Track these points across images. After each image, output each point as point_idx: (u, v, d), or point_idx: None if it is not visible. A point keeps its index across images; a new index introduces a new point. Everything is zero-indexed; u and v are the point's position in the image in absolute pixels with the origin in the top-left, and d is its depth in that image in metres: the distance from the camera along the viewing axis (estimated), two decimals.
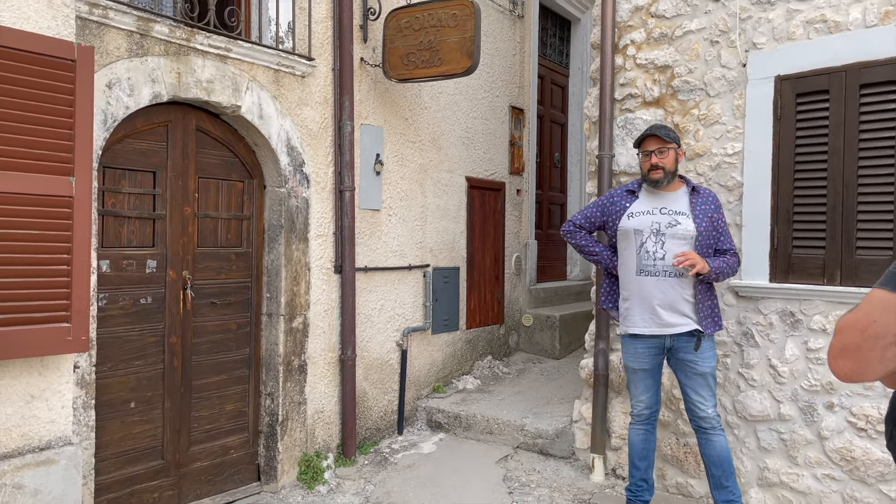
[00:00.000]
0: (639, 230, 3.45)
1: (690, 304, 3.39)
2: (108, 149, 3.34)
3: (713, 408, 3.43)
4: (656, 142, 3.45)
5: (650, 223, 3.43)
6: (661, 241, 3.39)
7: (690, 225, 3.38)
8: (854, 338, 1.10)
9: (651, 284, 3.41)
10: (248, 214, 4.09)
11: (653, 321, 3.42)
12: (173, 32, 3.45)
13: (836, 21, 3.53)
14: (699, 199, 3.47)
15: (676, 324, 3.39)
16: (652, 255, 3.40)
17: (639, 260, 3.45)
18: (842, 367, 1.12)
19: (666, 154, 3.43)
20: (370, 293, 4.80)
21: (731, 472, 3.41)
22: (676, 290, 3.37)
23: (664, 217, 3.42)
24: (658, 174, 3.44)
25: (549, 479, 4.26)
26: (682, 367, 3.45)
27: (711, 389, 3.43)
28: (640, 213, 3.48)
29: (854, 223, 3.47)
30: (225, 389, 3.98)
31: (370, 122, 4.77)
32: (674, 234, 3.39)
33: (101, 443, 3.35)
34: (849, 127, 3.48)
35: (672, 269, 3.36)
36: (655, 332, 3.43)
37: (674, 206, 3.45)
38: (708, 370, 3.41)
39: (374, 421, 4.86)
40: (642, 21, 4.23)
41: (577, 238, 3.74)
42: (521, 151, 6.64)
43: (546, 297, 7.07)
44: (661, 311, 3.39)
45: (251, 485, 4.11)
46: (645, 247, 3.42)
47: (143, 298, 3.56)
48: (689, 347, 3.39)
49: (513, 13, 6.47)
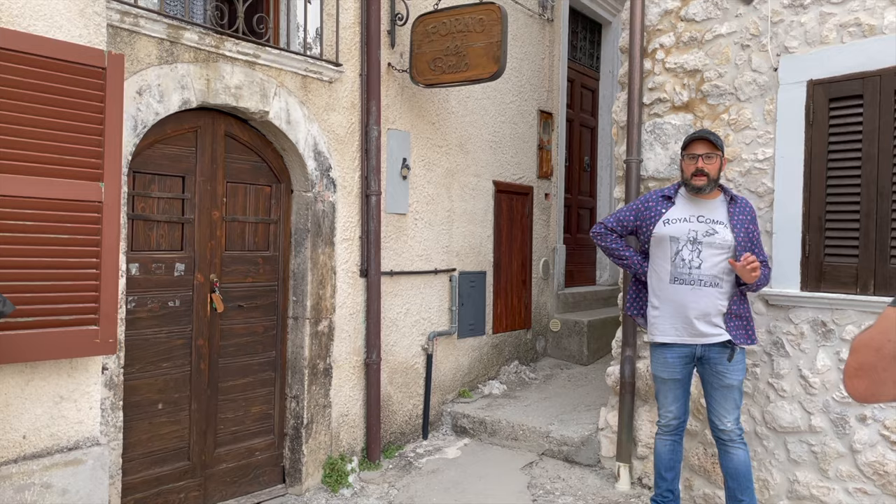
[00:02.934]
0: (675, 237, 3.37)
1: (723, 315, 3.33)
2: (139, 154, 3.39)
3: (735, 421, 3.36)
4: (705, 146, 3.36)
5: (687, 231, 3.35)
6: (698, 250, 3.32)
7: (728, 235, 3.31)
8: (869, 357, 1.07)
9: (686, 293, 3.34)
10: (276, 218, 4.13)
11: (685, 330, 3.36)
12: (202, 40, 3.50)
13: (870, 24, 3.44)
14: (737, 209, 3.39)
15: (710, 333, 3.32)
16: (688, 264, 3.33)
17: (673, 268, 3.37)
18: (857, 387, 1.09)
19: (713, 161, 3.35)
20: (396, 297, 4.81)
21: (748, 487, 3.34)
22: (712, 299, 3.31)
23: (702, 225, 3.35)
24: (702, 181, 3.35)
25: (573, 487, 4.23)
26: (710, 377, 3.39)
27: (736, 403, 3.36)
28: (677, 220, 3.40)
29: (888, 231, 3.38)
30: (251, 392, 4.02)
31: (397, 126, 4.78)
32: (711, 244, 3.31)
33: (129, 443, 3.41)
34: (884, 133, 3.39)
35: (708, 278, 3.30)
36: (687, 341, 3.36)
37: (711, 215, 3.38)
38: (736, 383, 3.34)
39: (398, 425, 4.86)
40: (671, 25, 4.18)
41: (607, 241, 3.67)
42: (549, 155, 6.60)
43: (574, 302, 7.02)
44: (696, 321, 3.32)
45: (276, 487, 4.14)
46: (681, 255, 3.35)
47: (172, 301, 3.62)
48: (721, 358, 3.33)
49: (542, 17, 6.44)
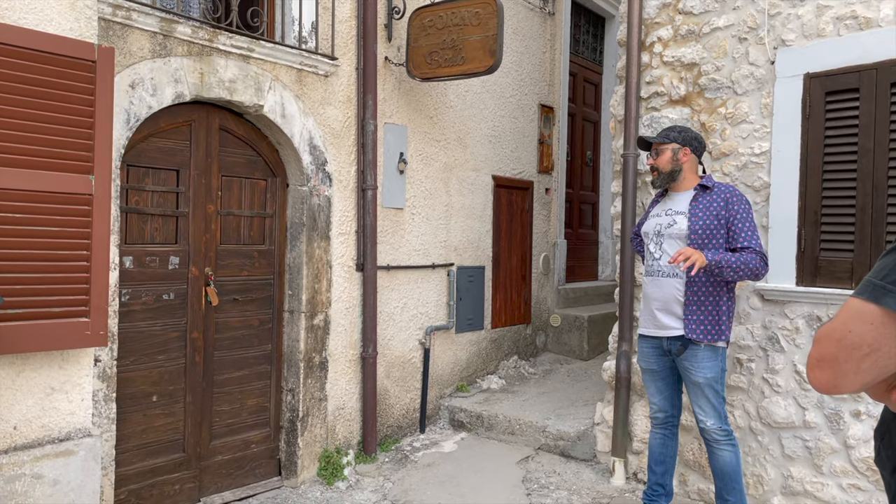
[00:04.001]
0: (647, 232, 3.52)
1: (682, 306, 3.31)
2: (132, 147, 3.41)
3: (714, 420, 3.30)
4: (652, 146, 3.48)
5: (654, 225, 3.48)
6: (660, 242, 3.41)
7: (684, 223, 3.34)
8: (830, 348, 1.06)
9: (651, 285, 3.45)
10: (271, 212, 4.14)
11: (651, 321, 3.44)
12: (196, 33, 3.51)
13: (867, 17, 3.41)
14: (705, 197, 3.34)
15: (670, 326, 3.35)
16: (653, 255, 3.45)
17: (646, 262, 3.52)
18: (818, 377, 1.08)
19: (660, 154, 3.42)
20: (392, 291, 4.81)
21: (734, 487, 3.31)
22: (670, 290, 3.35)
23: (666, 218, 3.43)
24: (654, 175, 3.48)
25: (568, 482, 4.23)
26: (681, 373, 3.42)
27: (710, 402, 3.30)
28: (653, 217, 3.54)
29: (884, 226, 3.36)
30: (246, 385, 4.04)
31: (394, 120, 4.78)
32: (670, 234, 3.39)
33: (123, 435, 3.43)
34: (879, 127, 3.36)
35: (666, 268, 3.37)
36: (655, 333, 3.43)
37: (676, 207, 3.43)
38: (701, 380, 3.29)
39: (395, 419, 4.87)
40: (669, 18, 4.16)
41: (635, 243, 3.87)
42: (550, 150, 6.58)
43: (575, 297, 7.00)
44: (657, 312, 3.39)
45: (271, 479, 4.16)
46: (649, 248, 3.48)
47: (166, 294, 3.63)
48: (686, 353, 3.33)
49: (543, 10, 6.41)
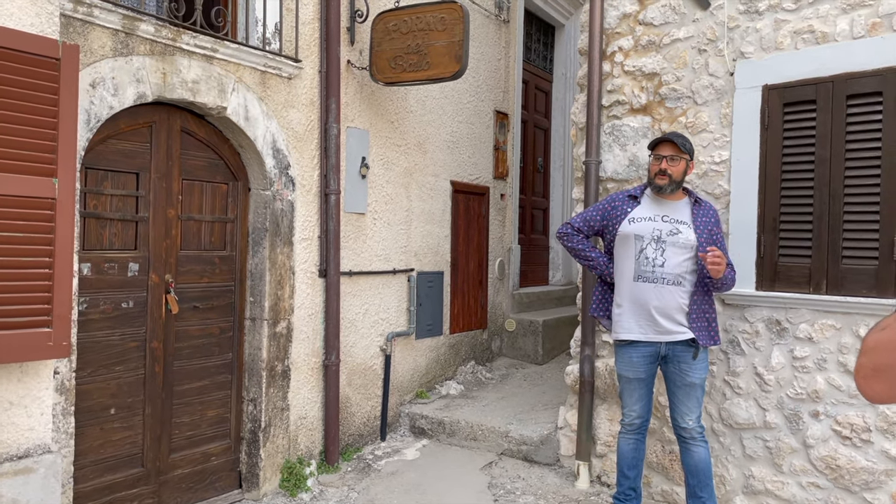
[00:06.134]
0: (640, 235, 3.41)
1: (686, 314, 3.37)
2: (91, 149, 3.26)
3: (697, 419, 3.42)
4: (671, 148, 3.41)
5: (651, 229, 3.40)
6: (662, 249, 3.36)
7: (692, 235, 3.36)
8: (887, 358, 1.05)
9: (649, 291, 3.37)
10: (233, 217, 4.02)
11: (650, 328, 3.39)
12: (159, 32, 3.39)
13: (823, 32, 3.55)
14: (701, 211, 3.45)
15: (673, 331, 3.36)
16: (651, 262, 3.37)
17: (637, 266, 3.41)
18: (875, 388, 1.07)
19: (677, 163, 3.40)
20: (355, 297, 4.75)
21: (707, 484, 3.40)
22: (674, 297, 3.36)
23: (666, 225, 3.40)
24: (663, 180, 3.41)
25: (534, 487, 4.24)
26: (674, 375, 3.44)
27: (698, 401, 3.42)
28: (642, 219, 3.44)
29: (840, 232, 3.50)
30: (207, 395, 3.91)
31: (356, 125, 4.73)
32: (674, 243, 3.36)
33: (80, 450, 3.27)
34: (835, 137, 3.50)
35: (671, 276, 3.34)
36: (652, 339, 3.40)
37: (676, 215, 3.43)
38: (698, 381, 3.40)
39: (357, 427, 4.80)
40: (630, 28, 4.24)
41: (574, 242, 3.65)
42: (505, 156, 6.63)
43: (529, 301, 7.06)
44: (659, 318, 3.36)
45: (233, 492, 4.04)
46: (644, 253, 3.39)
47: (125, 302, 3.49)
48: (686, 356, 3.38)
49: (498, 18, 6.46)
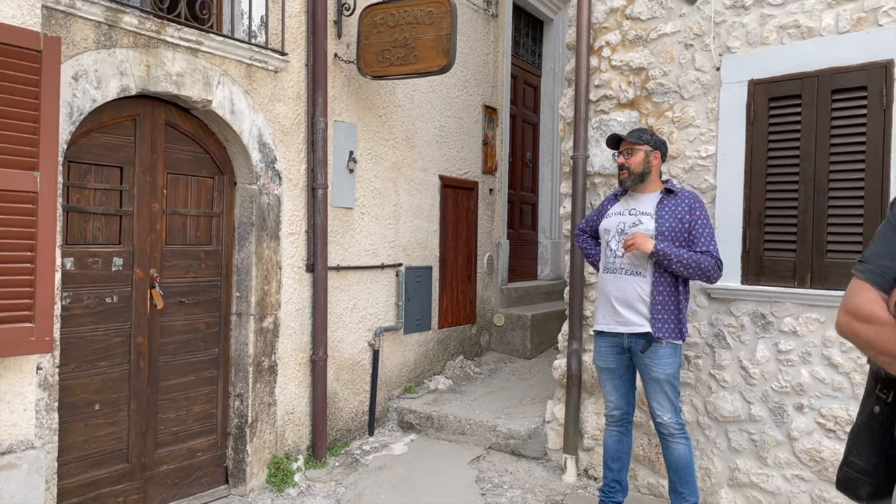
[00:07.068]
0: (607, 229, 3.55)
1: (647, 305, 3.39)
2: (74, 143, 3.23)
3: (671, 415, 3.40)
4: (623, 143, 3.53)
5: (617, 223, 3.51)
6: (623, 240, 3.44)
7: (651, 224, 3.41)
8: None
9: (610, 282, 3.49)
10: (218, 212, 4.00)
11: (611, 318, 3.48)
12: (143, 24, 3.36)
13: (809, 27, 3.57)
14: (670, 201, 3.46)
15: (633, 322, 3.41)
16: (614, 253, 3.48)
17: (604, 258, 3.55)
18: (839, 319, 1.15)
19: (632, 154, 3.48)
20: (342, 292, 4.74)
21: (688, 480, 3.41)
22: (633, 287, 3.40)
23: (630, 217, 3.49)
24: (623, 174, 3.52)
25: (521, 480, 4.25)
26: (640, 369, 3.48)
27: (668, 397, 3.40)
28: (614, 214, 3.57)
29: (825, 227, 3.52)
30: (193, 391, 3.89)
31: (344, 119, 4.71)
32: None
33: (64, 446, 3.25)
34: (820, 131, 3.52)
35: (629, 266, 3.42)
36: (614, 330, 3.47)
37: (641, 208, 3.49)
38: (662, 377, 3.37)
39: (344, 422, 4.80)
40: (617, 23, 4.24)
41: (580, 241, 3.86)
42: (494, 151, 6.62)
43: (517, 296, 7.07)
44: (619, 308, 3.43)
45: (219, 488, 4.02)
46: (609, 245, 3.52)
47: (109, 297, 3.46)
48: (647, 351, 3.39)
49: (487, 12, 6.44)
